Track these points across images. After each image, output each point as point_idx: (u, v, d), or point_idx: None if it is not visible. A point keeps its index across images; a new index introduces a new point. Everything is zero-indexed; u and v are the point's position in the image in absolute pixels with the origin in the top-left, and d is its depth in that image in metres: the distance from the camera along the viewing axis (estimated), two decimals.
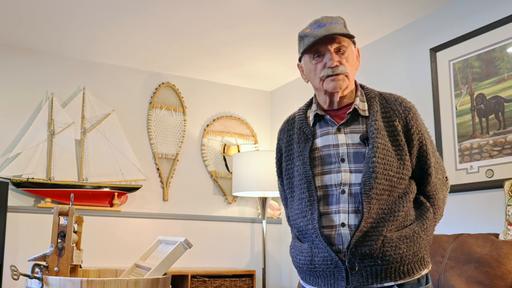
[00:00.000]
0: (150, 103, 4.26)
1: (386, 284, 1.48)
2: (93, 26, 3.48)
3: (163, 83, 4.33)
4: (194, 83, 4.49)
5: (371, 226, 1.48)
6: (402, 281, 1.49)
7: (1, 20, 3.39)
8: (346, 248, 1.49)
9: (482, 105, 2.82)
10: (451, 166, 2.94)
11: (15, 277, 1.73)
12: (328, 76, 1.56)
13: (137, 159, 4.06)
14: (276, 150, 1.76)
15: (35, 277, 1.81)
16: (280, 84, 4.65)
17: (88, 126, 3.97)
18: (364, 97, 1.61)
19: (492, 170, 2.72)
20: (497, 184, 2.65)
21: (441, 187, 1.64)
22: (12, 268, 1.74)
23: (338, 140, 1.57)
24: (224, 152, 4.49)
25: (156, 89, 4.30)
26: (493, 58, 2.79)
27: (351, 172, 1.52)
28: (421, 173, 1.60)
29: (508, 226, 2.36)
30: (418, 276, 1.52)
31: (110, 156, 3.96)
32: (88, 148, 3.91)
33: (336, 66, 1.54)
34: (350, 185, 1.51)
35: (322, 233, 1.52)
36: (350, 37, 1.56)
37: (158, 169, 4.20)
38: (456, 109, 2.96)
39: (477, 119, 2.84)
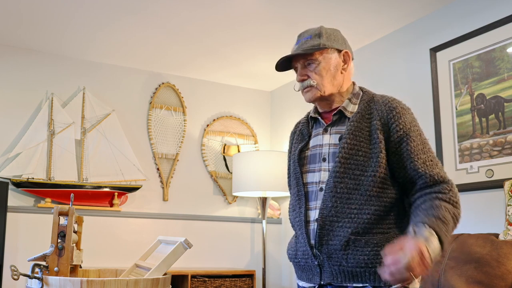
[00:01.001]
0: (150, 103, 4.26)
1: (355, 285, 1.51)
2: (93, 26, 3.48)
3: (163, 83, 4.33)
4: (194, 83, 4.49)
5: (337, 225, 1.52)
6: (372, 285, 1.48)
7: (1, 20, 3.39)
8: (314, 244, 1.56)
9: (482, 105, 2.82)
10: (451, 166, 2.94)
11: (15, 277, 1.73)
12: (302, 90, 1.69)
13: (137, 159, 4.06)
14: (288, 151, 1.89)
15: (35, 277, 1.81)
16: (280, 84, 4.65)
17: (88, 126, 3.97)
18: (358, 100, 1.67)
19: (492, 170, 2.72)
20: (497, 184, 2.65)
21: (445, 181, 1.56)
22: (12, 268, 1.74)
23: (323, 140, 1.65)
24: (224, 152, 4.49)
25: (156, 89, 4.30)
26: (493, 58, 2.79)
27: (329, 171, 1.60)
28: (407, 172, 1.55)
29: (508, 226, 2.36)
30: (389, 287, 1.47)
31: (110, 156, 3.96)
32: (88, 148, 3.91)
33: (302, 80, 1.67)
34: (327, 183, 1.58)
35: (306, 227, 1.60)
36: (315, 50, 1.63)
37: (158, 169, 4.20)
38: (456, 109, 2.97)
39: (477, 119, 2.84)
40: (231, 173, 4.43)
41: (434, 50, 3.14)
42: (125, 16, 3.32)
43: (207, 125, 4.48)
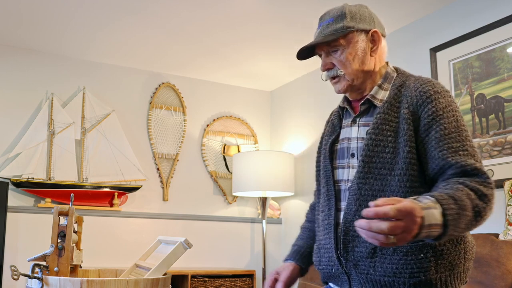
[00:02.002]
0: (150, 103, 4.26)
1: None
2: (93, 26, 3.48)
3: (163, 83, 4.33)
4: (194, 83, 4.49)
5: None
6: None
7: (1, 20, 3.39)
8: (339, 251, 1.42)
9: (482, 105, 2.82)
10: None
11: (15, 277, 1.73)
12: (331, 80, 1.52)
13: (137, 159, 4.06)
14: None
15: (35, 277, 1.80)
16: (280, 84, 4.65)
17: (88, 126, 3.97)
18: (390, 85, 1.49)
19: (492, 170, 2.72)
20: (497, 184, 2.64)
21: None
22: (12, 268, 1.74)
23: (351, 133, 1.49)
24: (224, 152, 4.49)
25: (156, 89, 4.30)
26: (493, 58, 2.79)
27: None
28: (434, 162, 1.34)
29: (508, 226, 2.36)
30: None
31: (110, 156, 3.96)
32: (88, 148, 3.91)
33: (328, 69, 1.50)
34: (352, 182, 1.42)
35: (336, 230, 1.44)
36: (337, 35, 1.45)
37: (158, 169, 4.20)
38: None
39: (477, 119, 2.84)
40: (231, 173, 4.43)
41: (434, 50, 3.13)
42: (125, 16, 3.32)
43: (207, 125, 4.48)
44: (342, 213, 1.44)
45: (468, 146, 1.34)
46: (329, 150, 1.53)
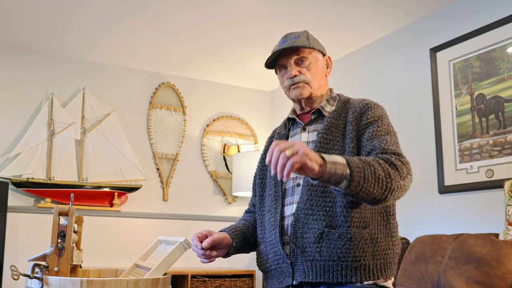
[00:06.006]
0: (150, 103, 4.26)
1: (327, 281, 1.49)
2: (94, 27, 3.48)
3: (163, 83, 4.33)
4: (194, 83, 4.49)
5: (312, 218, 1.52)
6: (344, 280, 1.48)
7: (2, 20, 3.39)
8: (289, 236, 1.55)
9: (482, 105, 2.82)
10: (451, 166, 2.94)
11: (15, 277, 1.73)
12: (290, 86, 1.68)
13: (137, 159, 4.06)
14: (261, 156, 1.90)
15: (35, 277, 1.80)
16: None
17: (88, 126, 3.97)
18: (335, 102, 1.71)
19: (492, 170, 2.72)
20: (497, 184, 2.65)
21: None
22: (12, 268, 1.74)
23: (301, 138, 1.69)
24: (224, 152, 4.49)
25: (156, 89, 4.30)
26: (493, 58, 2.79)
27: None
28: (363, 149, 1.55)
29: (508, 226, 2.36)
30: (359, 284, 1.48)
31: (110, 156, 3.97)
32: (88, 148, 3.92)
33: (295, 75, 1.67)
34: (304, 178, 1.59)
35: (281, 224, 1.59)
36: (308, 47, 1.67)
37: (158, 169, 4.20)
38: (456, 109, 2.97)
39: (477, 119, 2.84)
40: (231, 173, 4.43)
41: (434, 50, 3.14)
42: (126, 16, 3.32)
43: (207, 125, 4.48)
44: (291, 206, 1.60)
45: (394, 141, 1.55)
46: None
